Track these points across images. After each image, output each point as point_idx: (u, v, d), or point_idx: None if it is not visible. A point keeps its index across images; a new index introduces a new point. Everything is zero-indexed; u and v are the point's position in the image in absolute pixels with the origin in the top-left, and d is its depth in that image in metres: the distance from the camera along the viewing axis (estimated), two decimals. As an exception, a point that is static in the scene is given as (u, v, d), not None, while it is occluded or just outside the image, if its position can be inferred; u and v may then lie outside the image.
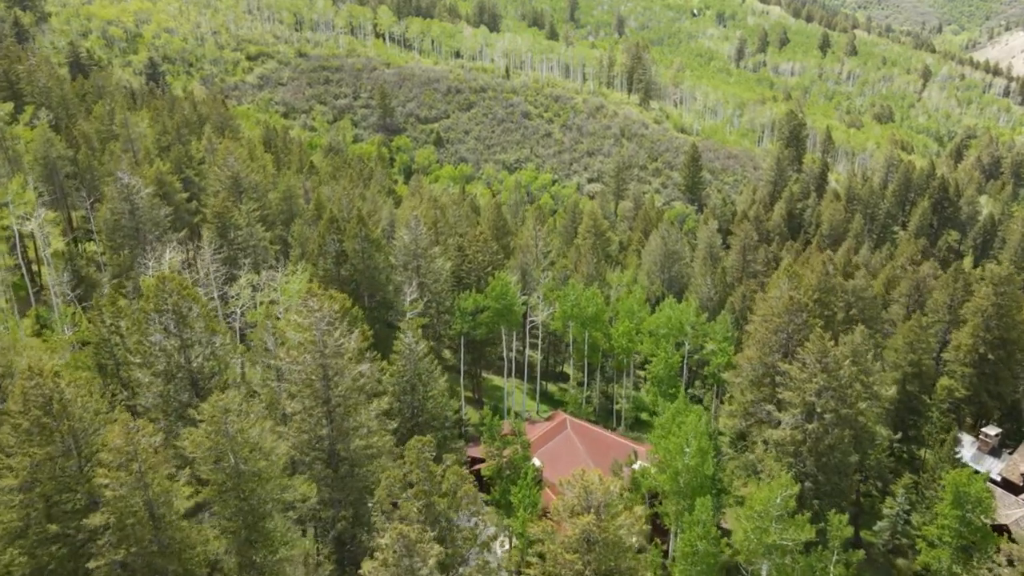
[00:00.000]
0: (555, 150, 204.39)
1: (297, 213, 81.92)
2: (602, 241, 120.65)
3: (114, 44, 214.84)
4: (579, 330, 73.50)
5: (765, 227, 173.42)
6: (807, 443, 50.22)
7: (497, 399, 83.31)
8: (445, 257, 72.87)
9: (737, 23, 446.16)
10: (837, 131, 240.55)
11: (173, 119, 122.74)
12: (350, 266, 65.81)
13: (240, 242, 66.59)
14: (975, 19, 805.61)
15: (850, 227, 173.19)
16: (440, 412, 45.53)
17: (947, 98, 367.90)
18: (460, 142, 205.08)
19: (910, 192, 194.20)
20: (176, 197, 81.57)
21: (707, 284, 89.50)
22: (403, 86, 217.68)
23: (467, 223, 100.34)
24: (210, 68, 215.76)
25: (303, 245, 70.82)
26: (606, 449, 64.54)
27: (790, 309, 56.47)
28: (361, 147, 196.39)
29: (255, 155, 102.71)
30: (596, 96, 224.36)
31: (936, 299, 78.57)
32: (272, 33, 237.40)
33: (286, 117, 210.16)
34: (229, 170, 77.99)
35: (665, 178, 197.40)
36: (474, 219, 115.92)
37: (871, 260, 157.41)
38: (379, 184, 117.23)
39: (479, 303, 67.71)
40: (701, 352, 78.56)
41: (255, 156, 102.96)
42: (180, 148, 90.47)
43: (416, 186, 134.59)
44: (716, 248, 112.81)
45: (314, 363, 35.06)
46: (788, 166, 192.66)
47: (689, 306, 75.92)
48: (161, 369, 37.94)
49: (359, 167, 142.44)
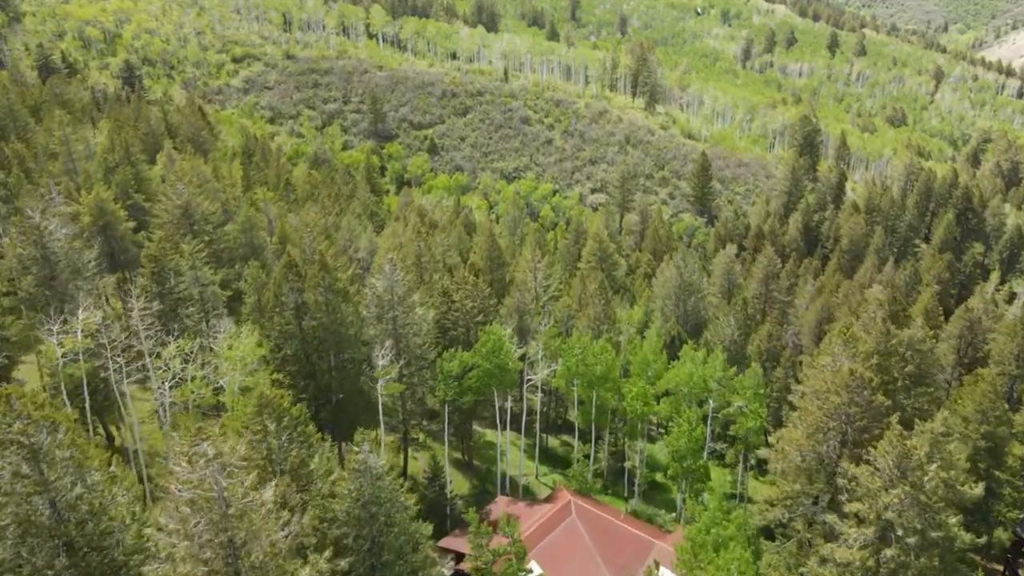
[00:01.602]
0: (556, 158, 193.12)
1: (259, 247, 70.88)
2: (608, 265, 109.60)
3: (91, 46, 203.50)
4: (585, 390, 62.47)
5: (781, 242, 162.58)
6: (881, 572, 39.11)
7: (490, 460, 72.17)
8: (428, 306, 61.76)
9: (742, 22, 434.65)
10: (852, 136, 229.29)
11: (137, 130, 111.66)
12: (312, 320, 54.75)
13: (180, 291, 55.51)
14: (981, 18, 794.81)
15: (870, 241, 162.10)
16: (408, 547, 34.58)
17: (960, 100, 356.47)
18: (455, 149, 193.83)
19: (930, 202, 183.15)
20: (119, 228, 70.56)
21: (729, 324, 78.38)
22: (396, 90, 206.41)
23: (458, 251, 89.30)
24: (192, 71, 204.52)
25: (259, 291, 59.84)
26: (619, 544, 53.47)
27: (850, 386, 45.34)
28: (350, 155, 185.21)
29: (221, 174, 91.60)
30: (599, 100, 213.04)
31: (1001, 347, 67.58)
32: (259, 34, 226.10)
33: (272, 122, 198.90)
34: (178, 198, 66.85)
35: (672, 188, 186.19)
36: (467, 242, 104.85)
37: (895, 278, 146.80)
38: (362, 203, 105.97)
39: (467, 362, 56.64)
40: (727, 410, 67.51)
41: (221, 175, 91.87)
42: (129, 169, 79.30)
43: (404, 203, 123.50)
44: (735, 275, 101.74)
45: (211, 530, 24.18)
46: (803, 175, 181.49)
47: (715, 360, 64.80)
48: (7, 523, 26.94)
49: (344, 181, 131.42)
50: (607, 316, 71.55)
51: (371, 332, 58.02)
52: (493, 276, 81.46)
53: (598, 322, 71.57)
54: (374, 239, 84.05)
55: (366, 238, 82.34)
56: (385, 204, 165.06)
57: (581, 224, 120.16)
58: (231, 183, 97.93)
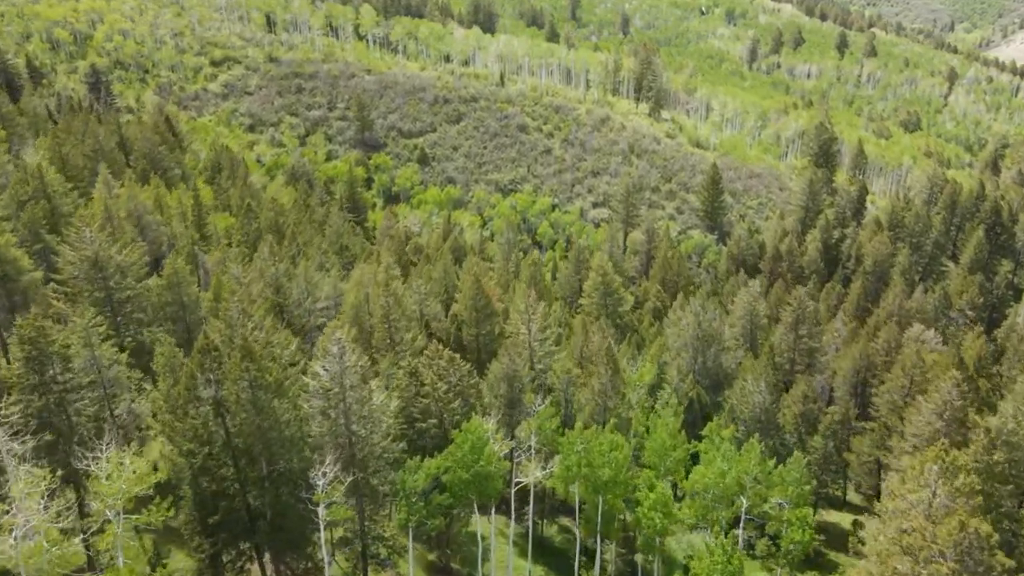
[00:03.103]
0: (555, 168, 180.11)
1: (191, 306, 58.08)
2: (613, 300, 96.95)
3: (60, 48, 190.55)
4: (590, 494, 49.75)
5: (798, 263, 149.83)
6: None
7: (472, 561, 59.28)
8: (391, 389, 49.01)
9: (748, 22, 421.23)
10: (868, 144, 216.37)
11: (84, 146, 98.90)
12: (235, 422, 42.07)
13: (65, 382, 42.89)
14: (987, 16, 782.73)
15: (895, 261, 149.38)
16: None
17: (975, 102, 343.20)
18: (447, 160, 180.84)
19: (955, 216, 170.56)
20: (22, 280, 57.83)
21: (759, 390, 65.61)
22: (385, 95, 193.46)
23: (440, 295, 76.46)
24: (168, 75, 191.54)
25: (174, 373, 47.17)
26: None
27: (959, 542, 32.58)
28: (334, 166, 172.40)
29: (166, 203, 78.70)
30: (601, 106, 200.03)
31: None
32: (241, 35, 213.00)
33: (252, 130, 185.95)
34: (85, 248, 54.05)
35: (680, 202, 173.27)
36: (453, 277, 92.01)
37: (925, 303, 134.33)
38: (335, 231, 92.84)
39: (436, 472, 43.92)
40: (764, 508, 54.80)
41: (166, 205, 79.05)
42: (43, 204, 66.52)
43: (387, 228, 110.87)
44: (758, 316, 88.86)
45: None
46: (821, 188, 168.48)
47: (750, 452, 52.00)
48: None
49: (320, 201, 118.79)
50: (614, 388, 58.79)
51: (317, 430, 45.33)
52: (480, 330, 68.69)
53: (603, 396, 58.81)
54: (339, 285, 71.23)
55: (330, 283, 69.51)
56: (371, 220, 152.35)
57: (582, 252, 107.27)
58: (181, 211, 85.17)
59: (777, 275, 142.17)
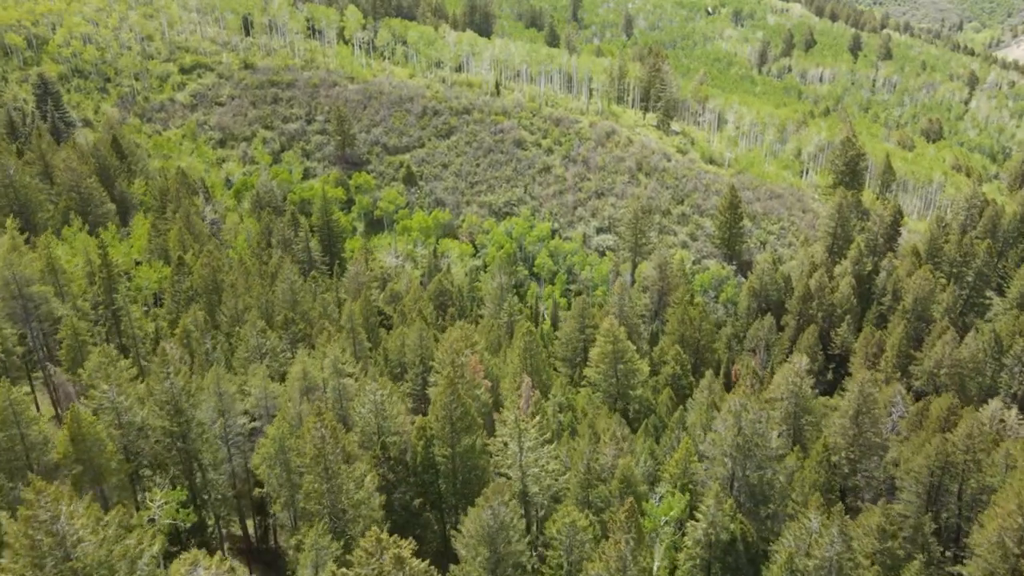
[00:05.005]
0: (555, 189, 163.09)
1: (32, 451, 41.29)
2: (625, 370, 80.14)
3: (13, 55, 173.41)
4: None
5: (829, 300, 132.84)
6: None
7: None
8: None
9: (756, 23, 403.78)
10: (896, 158, 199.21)
11: None
12: None
13: None
14: (996, 16, 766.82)
15: (941, 298, 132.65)
16: None
17: (997, 108, 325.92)
18: (436, 179, 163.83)
19: (996, 242, 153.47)
20: None
21: (833, 536, 48.67)
22: (368, 106, 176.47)
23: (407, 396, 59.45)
24: (131, 84, 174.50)
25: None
26: None
27: None
28: (310, 186, 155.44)
29: (59, 267, 61.81)
30: (606, 118, 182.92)
31: None
32: (214, 40, 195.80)
33: (222, 145, 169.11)
34: None
35: (694, 227, 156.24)
36: (431, 346, 75.00)
37: (977, 349, 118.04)
38: (286, 291, 75.60)
39: None
40: None
41: (62, 271, 62.15)
42: None
43: (355, 273, 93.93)
44: (805, 398, 71.76)
45: None
46: (850, 213, 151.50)
47: None
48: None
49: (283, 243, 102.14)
50: (635, 560, 42.07)
51: None
52: (455, 449, 51.74)
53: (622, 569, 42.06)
54: (271, 388, 54.34)
55: (259, 388, 52.69)
56: (347, 249, 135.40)
57: (587, 308, 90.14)
58: (90, 271, 68.27)
59: (808, 318, 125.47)
